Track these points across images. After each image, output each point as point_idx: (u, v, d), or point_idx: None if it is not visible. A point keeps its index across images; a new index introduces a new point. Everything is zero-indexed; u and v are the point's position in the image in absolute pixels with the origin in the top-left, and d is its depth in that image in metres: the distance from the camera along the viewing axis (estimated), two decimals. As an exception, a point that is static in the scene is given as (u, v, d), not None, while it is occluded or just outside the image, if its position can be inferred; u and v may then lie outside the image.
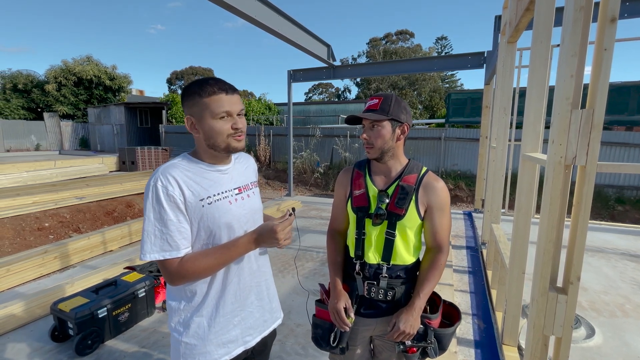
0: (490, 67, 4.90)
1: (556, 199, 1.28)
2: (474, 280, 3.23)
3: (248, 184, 1.14)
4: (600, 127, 1.15)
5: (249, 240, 1.01)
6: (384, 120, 1.12)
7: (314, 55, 5.87)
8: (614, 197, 8.69)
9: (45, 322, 2.46)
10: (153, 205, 0.92)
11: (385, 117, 1.11)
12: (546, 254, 1.32)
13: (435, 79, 26.83)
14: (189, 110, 0.99)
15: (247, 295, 1.09)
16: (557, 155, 1.24)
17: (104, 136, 19.33)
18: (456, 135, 10.67)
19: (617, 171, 1.28)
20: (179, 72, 37.66)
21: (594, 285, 3.08)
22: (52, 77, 20.83)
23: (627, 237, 4.50)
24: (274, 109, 20.27)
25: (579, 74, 1.19)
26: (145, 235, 0.93)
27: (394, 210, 1.12)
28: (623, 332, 2.34)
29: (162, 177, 0.93)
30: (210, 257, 0.96)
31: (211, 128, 0.97)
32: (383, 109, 1.12)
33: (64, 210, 5.87)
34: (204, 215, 0.97)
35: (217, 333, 1.03)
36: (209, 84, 0.97)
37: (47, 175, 9.36)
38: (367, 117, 1.12)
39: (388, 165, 1.18)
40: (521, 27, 2.48)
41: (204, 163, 1.03)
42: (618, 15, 1.09)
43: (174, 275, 0.94)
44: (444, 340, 1.12)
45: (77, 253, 4.10)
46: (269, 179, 12.37)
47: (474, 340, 2.27)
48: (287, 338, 2.29)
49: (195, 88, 0.97)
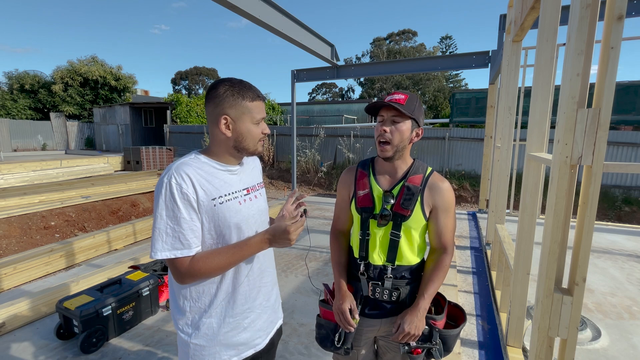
0: (495, 67, 4.87)
1: (562, 199, 1.26)
2: (478, 281, 3.21)
3: (255, 185, 1.14)
4: (606, 126, 1.13)
5: (262, 240, 1.01)
6: (408, 118, 1.09)
7: (317, 55, 5.87)
8: (620, 197, 8.59)
9: (51, 319, 2.48)
10: (166, 202, 0.91)
11: (411, 115, 1.08)
12: (551, 254, 1.30)
13: (440, 78, 26.71)
14: (225, 110, 0.97)
15: (256, 295, 1.09)
16: (563, 155, 1.22)
17: (109, 136, 19.50)
18: (460, 135, 10.61)
19: (623, 171, 1.26)
20: (183, 72, 37.89)
21: (601, 286, 3.04)
22: (58, 77, 21.06)
23: (634, 238, 4.44)
24: (277, 109, 20.31)
25: (585, 72, 1.17)
26: (156, 233, 0.92)
27: (400, 211, 1.11)
28: (630, 335, 2.31)
29: (176, 175, 0.93)
30: (223, 256, 0.96)
31: (249, 131, 1.01)
32: (409, 107, 1.09)
33: (70, 209, 5.93)
34: (215, 215, 0.97)
35: (227, 334, 1.03)
36: (251, 89, 1.00)
37: (54, 175, 9.46)
38: (398, 108, 1.05)
39: (395, 165, 1.16)
40: (526, 25, 2.46)
41: (216, 162, 1.02)
42: (625, 13, 1.07)
43: (185, 274, 0.94)
44: (449, 342, 1.11)
45: (83, 252, 4.14)
46: (272, 179, 12.40)
47: (478, 341, 2.25)
48: (290, 337, 2.29)
49: (236, 90, 0.98)
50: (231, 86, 0.98)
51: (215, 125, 1.00)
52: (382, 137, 1.10)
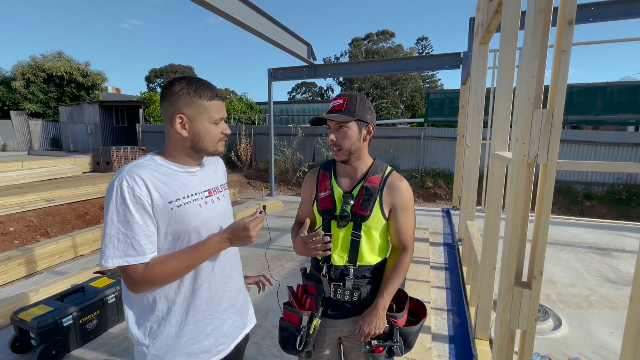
0: (466, 68, 5.03)
1: (520, 196, 1.31)
2: (450, 277, 3.30)
3: (218, 187, 1.11)
4: (559, 126, 1.18)
5: (220, 239, 0.98)
6: (351, 121, 1.10)
7: (293, 54, 5.83)
8: (582, 193, 9.13)
9: (7, 332, 2.31)
10: (117, 207, 0.87)
11: (352, 118, 1.10)
12: (511, 250, 1.35)
13: (417, 79, 27.33)
14: (180, 109, 0.94)
15: (219, 301, 1.06)
16: (521, 153, 1.27)
17: (77, 136, 18.52)
18: (435, 134, 10.91)
19: (576, 169, 1.33)
20: (158, 70, 36.62)
21: (563, 278, 3.21)
22: (19, 73, 19.72)
23: (593, 231, 4.73)
24: (256, 108, 20.06)
25: (539, 74, 1.22)
26: (107, 239, 0.87)
27: (359, 211, 1.12)
28: (588, 323, 2.45)
29: (128, 178, 0.88)
30: (179, 260, 0.93)
31: (206, 131, 0.98)
32: (349, 110, 1.10)
33: (31, 213, 5.58)
34: (172, 219, 0.93)
35: (187, 343, 0.99)
36: (209, 88, 0.98)
37: (14, 177, 8.85)
38: (334, 119, 1.09)
39: (354, 166, 1.17)
40: (492, 28, 2.55)
41: (173, 164, 0.99)
42: (575, 18, 1.13)
43: (139, 282, 0.90)
44: (409, 338, 1.13)
45: (44, 258, 3.90)
46: (250, 179, 12.23)
47: (448, 335, 2.31)
48: (264, 340, 2.25)
49: (193, 88, 0.94)
50: (188, 84, 0.95)
51: (171, 125, 0.96)
52: (333, 145, 1.13)
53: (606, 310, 2.63)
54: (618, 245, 4.13)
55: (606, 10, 4.01)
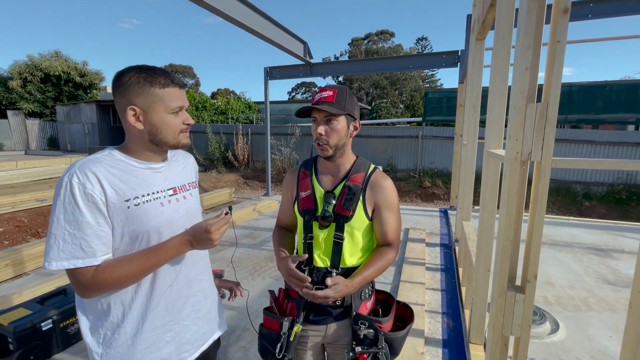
0: (464, 66, 4.96)
1: (513, 196, 1.24)
2: (446, 278, 3.23)
3: (185, 185, 1.04)
4: (554, 121, 1.12)
5: (180, 241, 0.91)
6: (341, 115, 1.04)
7: (289, 52, 5.76)
8: (581, 192, 9.06)
9: (-14, 336, 2.25)
10: (65, 205, 0.80)
11: (343, 112, 1.03)
12: (504, 252, 1.28)
13: (416, 79, 27.23)
14: (131, 100, 0.87)
15: (182, 306, 0.99)
16: (514, 150, 1.20)
17: (75, 135, 18.43)
18: (433, 133, 10.84)
19: (571, 166, 1.27)
20: (156, 69, 36.57)
21: (561, 279, 3.14)
22: (16, 72, 19.62)
23: (593, 231, 4.66)
24: (254, 108, 19.97)
25: (533, 67, 1.15)
26: (51, 239, 0.80)
27: (341, 211, 1.05)
28: (586, 326, 2.38)
29: (79, 173, 0.82)
30: (134, 263, 0.85)
31: (164, 122, 0.90)
32: (339, 102, 1.03)
33: (22, 213, 5.51)
34: (130, 218, 0.86)
35: (145, 351, 0.92)
36: (163, 75, 0.90)
37: (7, 177, 8.76)
38: (326, 109, 1.01)
39: (337, 163, 1.11)
40: (487, 23, 2.48)
41: (134, 160, 0.92)
42: (570, 6, 1.06)
43: (88, 286, 0.82)
44: (395, 344, 1.06)
45: (33, 259, 3.83)
46: (247, 179, 12.14)
47: (442, 339, 2.25)
48: (252, 344, 2.18)
49: (143, 76, 0.87)
50: (137, 73, 0.88)
51: (124, 118, 0.89)
52: (319, 140, 1.05)
53: (605, 313, 2.56)
54: (617, 246, 4.07)
55: (604, 7, 3.94)
